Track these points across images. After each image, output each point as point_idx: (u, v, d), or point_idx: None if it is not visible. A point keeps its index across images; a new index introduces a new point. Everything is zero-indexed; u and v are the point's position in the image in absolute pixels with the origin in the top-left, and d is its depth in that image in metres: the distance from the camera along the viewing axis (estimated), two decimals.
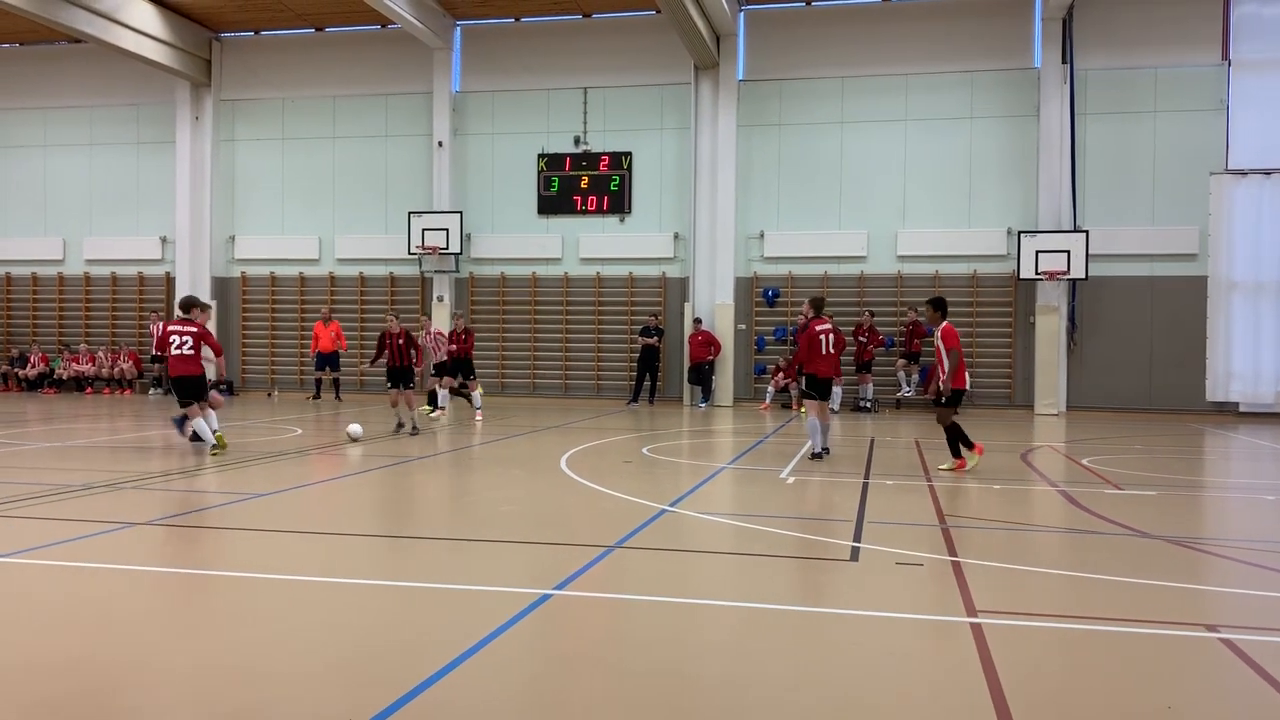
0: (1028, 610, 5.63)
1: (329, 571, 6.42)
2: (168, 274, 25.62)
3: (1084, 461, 12.77)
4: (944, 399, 11.51)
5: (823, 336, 12.27)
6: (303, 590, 5.98)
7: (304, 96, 25.01)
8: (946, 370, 11.40)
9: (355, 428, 14.13)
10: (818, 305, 12.84)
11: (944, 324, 11.60)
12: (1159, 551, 7.28)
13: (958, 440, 11.43)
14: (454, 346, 18.69)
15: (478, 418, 17.97)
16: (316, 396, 22.68)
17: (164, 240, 25.59)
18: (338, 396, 22.81)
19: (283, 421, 17.16)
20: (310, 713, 3.98)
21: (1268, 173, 20.76)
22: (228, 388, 24.72)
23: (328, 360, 22.58)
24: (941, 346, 11.49)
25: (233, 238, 25.35)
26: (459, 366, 18.78)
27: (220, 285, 25.26)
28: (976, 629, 5.11)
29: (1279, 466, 13.20)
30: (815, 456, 12.24)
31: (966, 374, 11.87)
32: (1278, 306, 20.73)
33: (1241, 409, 20.76)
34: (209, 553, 7.21)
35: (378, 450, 13.19)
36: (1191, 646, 4.99)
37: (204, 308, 12.86)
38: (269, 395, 23.13)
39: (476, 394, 18.70)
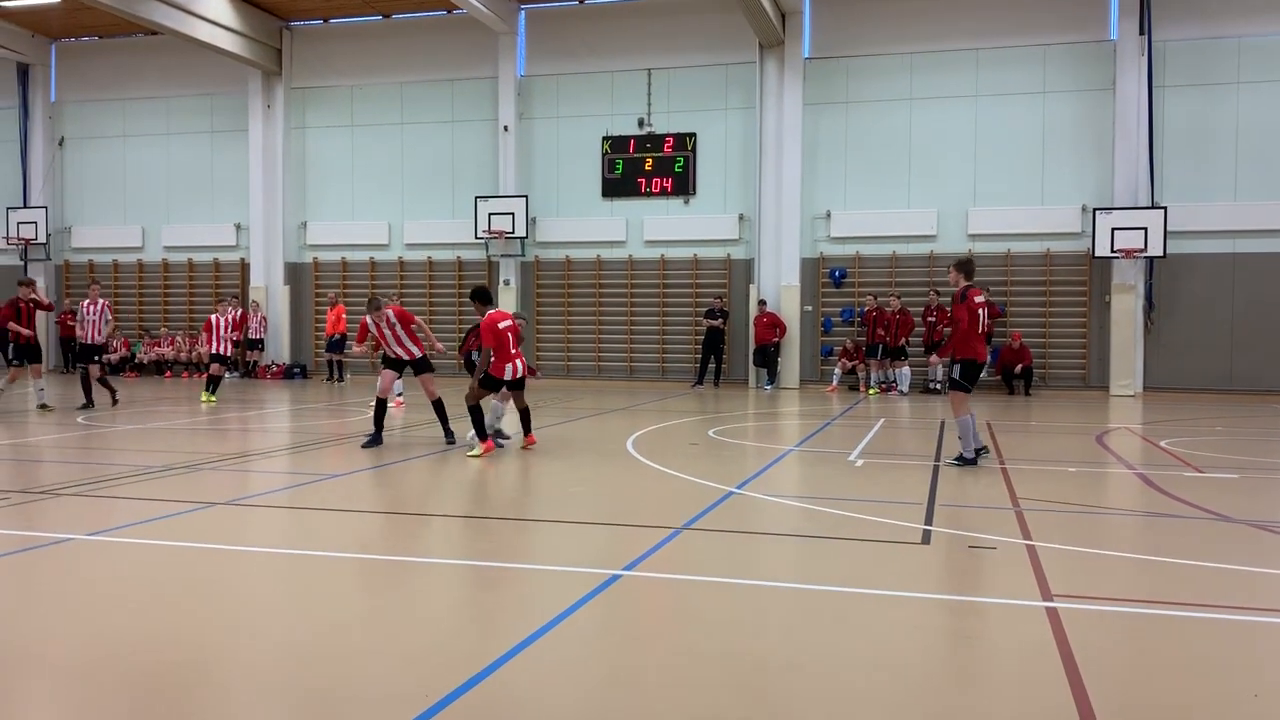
0: (1104, 595, 5.51)
1: (401, 551, 6.53)
2: (243, 260, 26.21)
3: (1162, 443, 12.45)
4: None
5: (981, 310, 10.00)
6: (375, 569, 6.09)
7: (372, 83, 25.32)
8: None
9: (502, 419, 13.63)
10: (969, 269, 10.12)
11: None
12: (1241, 536, 7.07)
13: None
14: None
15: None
16: (339, 379, 23.12)
17: (238, 227, 26.17)
18: (341, 378, 23.19)
19: (353, 405, 17.47)
20: (385, 691, 4.06)
21: None
22: (301, 371, 25.25)
23: (337, 343, 22.89)
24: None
25: (305, 224, 25.82)
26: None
27: (293, 270, 25.77)
28: (1052, 613, 5.02)
29: None
30: (968, 460, 10.01)
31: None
32: None
33: None
34: (285, 532, 7.39)
35: (439, 432, 13.35)
36: (1278, 633, 4.85)
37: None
38: (334, 379, 23.47)
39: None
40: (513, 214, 23.52)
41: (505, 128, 23.97)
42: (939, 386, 20.97)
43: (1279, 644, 4.73)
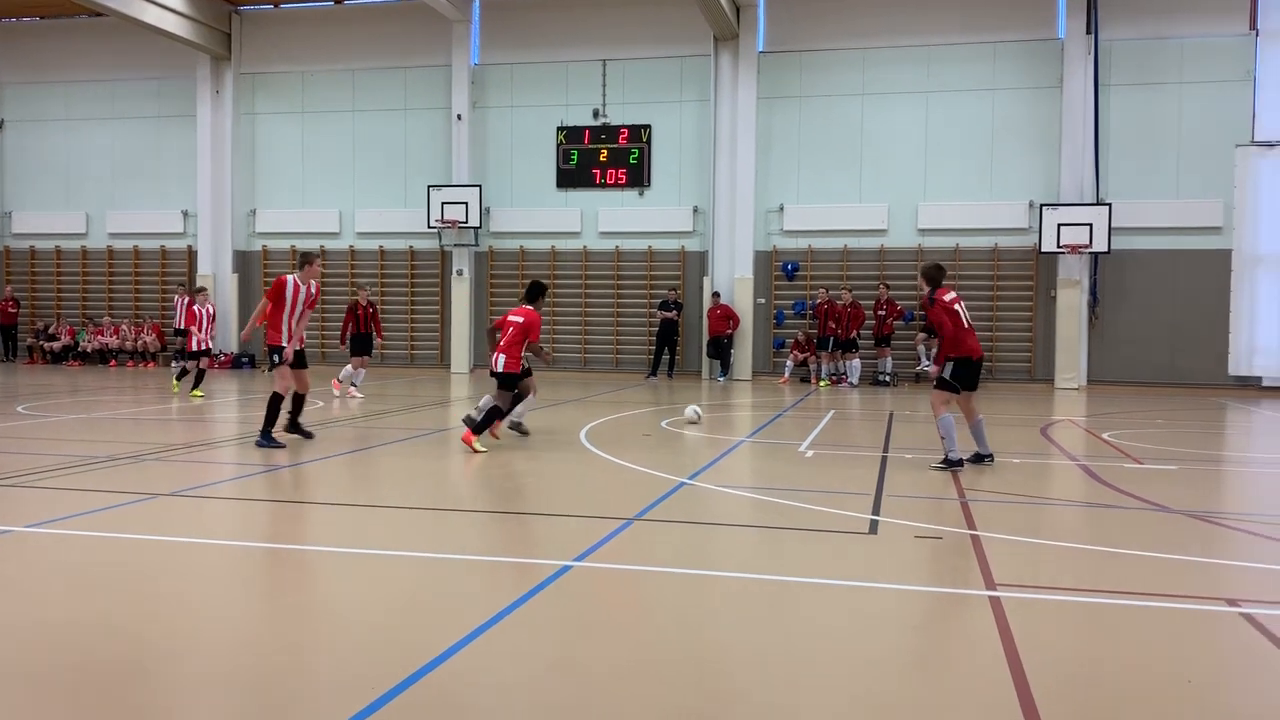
0: (1047, 584, 5.64)
1: (349, 542, 6.49)
2: (190, 247, 25.77)
3: (1105, 436, 12.72)
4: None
5: (959, 306, 9.79)
6: (322, 561, 6.05)
7: (323, 70, 25.00)
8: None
9: (692, 410, 13.47)
10: (935, 276, 9.91)
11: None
12: (1179, 526, 7.26)
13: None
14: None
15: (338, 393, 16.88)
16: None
17: (186, 214, 25.73)
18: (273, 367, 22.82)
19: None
20: (331, 683, 4.05)
21: None
22: (249, 361, 24.93)
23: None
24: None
25: (254, 211, 25.45)
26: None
27: (242, 259, 25.39)
28: (995, 602, 5.13)
29: None
30: (954, 463, 9.48)
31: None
32: None
33: (1265, 383, 20.57)
34: (233, 524, 7.31)
35: (397, 424, 13.29)
36: (1212, 621, 5.00)
37: None
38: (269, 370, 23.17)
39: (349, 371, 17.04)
40: (466, 204, 23.38)
41: (459, 116, 23.80)
42: (888, 379, 21.23)
43: (1213, 631, 4.87)
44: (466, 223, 23.43)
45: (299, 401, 11.01)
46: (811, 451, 10.87)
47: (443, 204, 23.45)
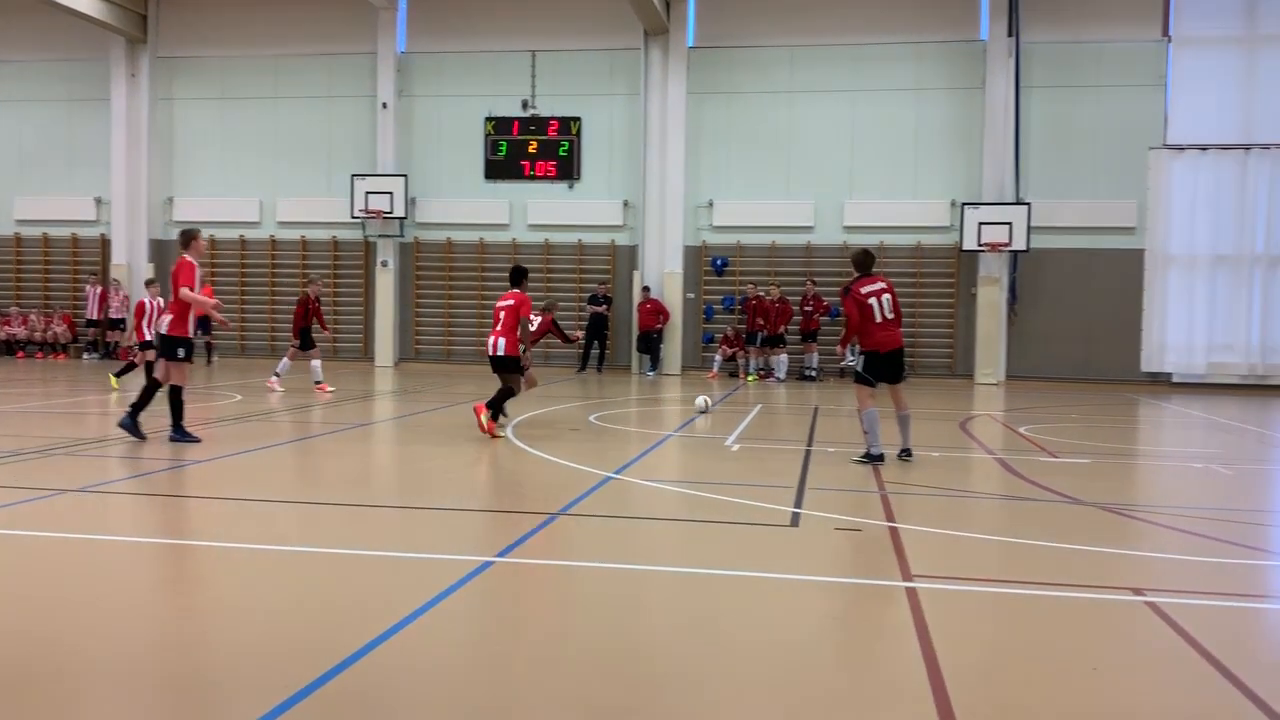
0: (962, 575, 5.74)
1: (266, 539, 6.35)
2: (103, 236, 24.98)
3: (1021, 430, 13.02)
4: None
5: (873, 299, 9.57)
6: (239, 558, 5.91)
7: (244, 55, 24.40)
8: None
9: (702, 400, 14.13)
10: (862, 262, 9.91)
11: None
12: (1090, 517, 7.46)
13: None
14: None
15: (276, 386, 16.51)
16: (208, 361, 22.42)
17: (99, 201, 24.92)
18: (209, 360, 22.43)
19: (221, 388, 16.88)
20: (244, 681, 3.95)
21: (1204, 148, 21.17)
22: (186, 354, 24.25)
23: (202, 323, 21.97)
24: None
25: (171, 199, 24.77)
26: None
27: (158, 248, 24.67)
28: (911, 593, 5.21)
29: (1208, 435, 13.58)
30: (874, 458, 9.49)
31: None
32: (1211, 280, 21.22)
33: (1174, 379, 21.27)
34: (141, 520, 7.10)
35: (316, 417, 13.06)
36: (1118, 610, 5.13)
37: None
38: (208, 362, 22.70)
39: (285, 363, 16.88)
40: (391, 193, 23.05)
41: (384, 105, 23.45)
42: (814, 374, 21.48)
43: (1118, 620, 5.01)
44: (391, 213, 23.10)
45: (153, 393, 10.31)
46: (737, 446, 10.93)
47: (367, 194, 23.09)
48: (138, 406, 10.12)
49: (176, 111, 24.71)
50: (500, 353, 11.09)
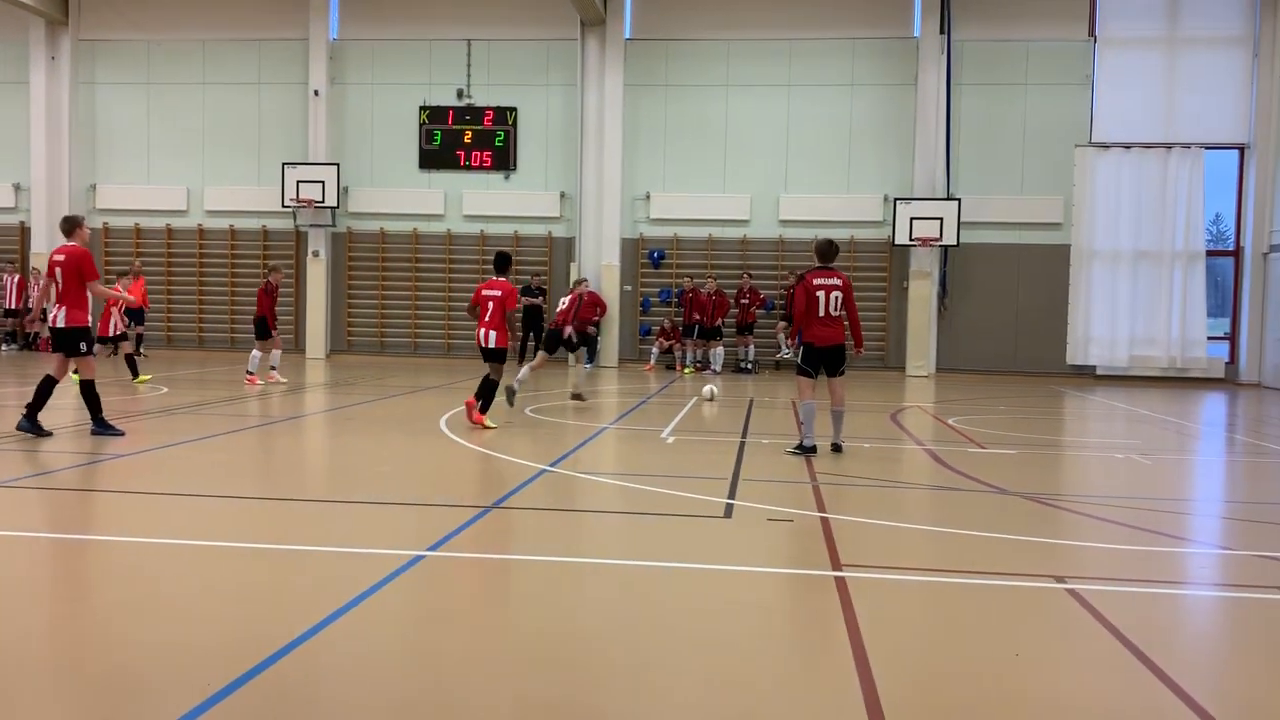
0: (890, 564, 5.83)
1: (193, 535, 6.21)
2: (22, 223, 24.19)
3: (950, 421, 13.26)
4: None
5: (822, 293, 9.61)
6: (166, 554, 5.77)
7: (171, 39, 23.79)
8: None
9: (709, 389, 15.10)
10: (824, 252, 9.96)
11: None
12: (1015, 507, 7.62)
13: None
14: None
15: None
16: (138, 353, 21.70)
17: (18, 188, 24.12)
18: (139, 351, 21.80)
19: (149, 380, 16.46)
20: (171, 678, 3.86)
21: (1128, 147, 21.73)
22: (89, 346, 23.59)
23: (135, 315, 21.44)
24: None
25: (94, 186, 24.07)
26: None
27: None
28: (840, 582, 5.27)
29: (1130, 426, 13.96)
30: (807, 449, 9.64)
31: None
32: (1133, 275, 21.81)
33: (1099, 372, 21.84)
34: (63, 516, 6.90)
35: (247, 410, 12.82)
36: (1040, 597, 5.26)
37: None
38: (135, 353, 22.06)
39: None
40: (323, 182, 22.67)
41: (316, 92, 23.04)
42: (750, 366, 21.63)
43: (1041, 607, 5.13)
44: (323, 202, 22.73)
45: (49, 391, 9.84)
46: (673, 438, 10.97)
47: (298, 182, 22.68)
48: (34, 406, 9.74)
49: (99, 96, 24.01)
50: (492, 345, 11.23)
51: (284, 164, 22.87)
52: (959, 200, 21.47)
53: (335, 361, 22.45)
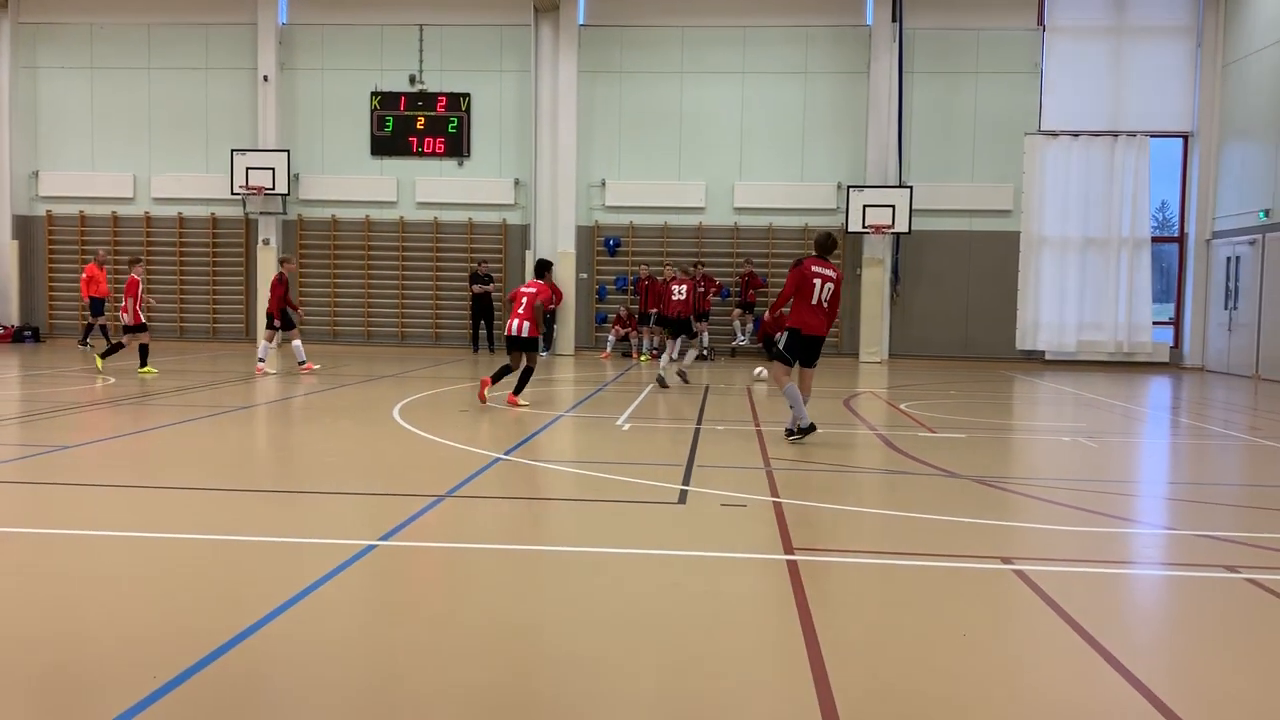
0: (841, 547, 5.90)
1: (140, 526, 6.12)
2: None
3: (902, 406, 13.41)
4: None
5: (818, 281, 9.57)
6: (113, 546, 5.68)
7: (115, 23, 23.27)
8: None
9: (760, 370, 15.82)
10: (823, 244, 9.87)
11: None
12: (964, 490, 7.73)
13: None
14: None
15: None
16: (84, 343, 21.22)
17: None
18: (85, 341, 21.39)
19: (95, 370, 16.16)
20: (115, 671, 3.81)
21: (1076, 135, 22.06)
22: (33, 335, 23.14)
23: (95, 306, 21.00)
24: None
25: (36, 173, 23.52)
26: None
27: (22, 224, 23.44)
28: (792, 565, 5.32)
29: (1077, 410, 14.20)
30: (802, 431, 9.68)
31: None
32: (1081, 262, 22.17)
33: (1047, 357, 22.20)
34: (9, 508, 6.75)
35: (197, 400, 12.63)
36: (988, 578, 5.34)
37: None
38: (81, 343, 21.69)
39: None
40: (273, 169, 22.35)
41: (265, 78, 22.69)
42: (706, 353, 21.68)
43: (988, 588, 5.21)
44: (273, 189, 22.41)
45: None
46: (629, 425, 10.98)
47: (247, 169, 22.34)
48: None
49: (41, 81, 23.45)
50: (524, 334, 12.04)
51: (233, 151, 22.52)
52: (911, 188, 21.66)
53: (286, 350, 22.16)
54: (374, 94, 22.88)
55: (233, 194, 22.59)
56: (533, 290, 12.23)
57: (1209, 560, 5.86)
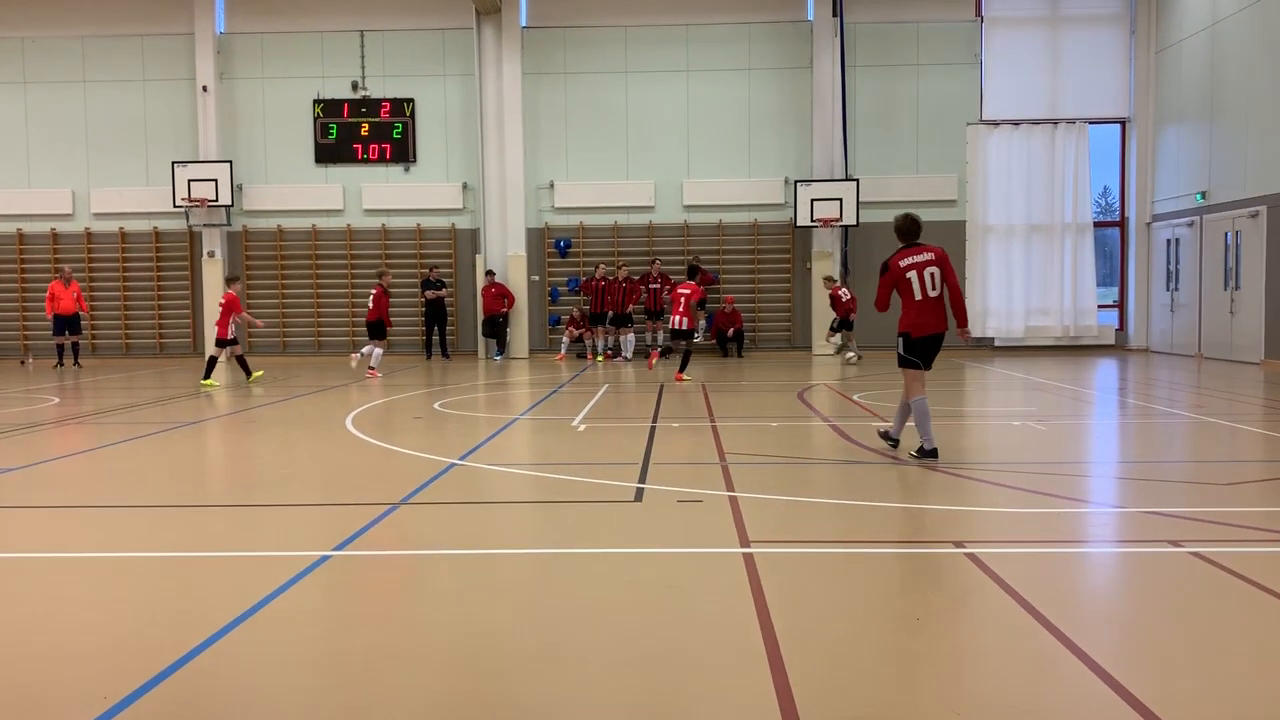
0: (796, 538, 5.95)
1: (87, 547, 6.01)
2: None
3: (855, 398, 13.54)
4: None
5: (914, 273, 8.53)
6: (63, 566, 5.57)
7: (47, 36, 22.81)
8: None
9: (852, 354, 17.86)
10: (905, 229, 8.76)
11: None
12: (916, 477, 7.83)
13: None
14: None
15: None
16: (60, 364, 20.76)
17: None
18: (76, 362, 20.96)
19: (39, 390, 15.85)
20: (69, 691, 3.74)
21: (1016, 123, 22.41)
22: None
23: (68, 323, 20.59)
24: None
25: None
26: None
27: None
28: (748, 558, 5.36)
29: (1026, 395, 14.42)
30: (924, 454, 8.33)
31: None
32: (1026, 248, 22.53)
33: (997, 344, 22.53)
34: None
35: (145, 417, 12.42)
36: (941, 562, 5.42)
37: None
38: (22, 363, 21.26)
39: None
40: (216, 181, 22.02)
41: (204, 88, 22.36)
42: (662, 351, 21.70)
43: (940, 571, 5.28)
44: (216, 201, 22.08)
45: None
46: (584, 425, 10.97)
47: (189, 181, 21.99)
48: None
49: None
50: (684, 328, 15.51)
51: (174, 163, 22.17)
52: (857, 181, 21.86)
53: (235, 363, 21.84)
54: (316, 101, 22.64)
55: (175, 207, 22.23)
56: (687, 291, 15.46)
57: (1156, 536, 5.99)
